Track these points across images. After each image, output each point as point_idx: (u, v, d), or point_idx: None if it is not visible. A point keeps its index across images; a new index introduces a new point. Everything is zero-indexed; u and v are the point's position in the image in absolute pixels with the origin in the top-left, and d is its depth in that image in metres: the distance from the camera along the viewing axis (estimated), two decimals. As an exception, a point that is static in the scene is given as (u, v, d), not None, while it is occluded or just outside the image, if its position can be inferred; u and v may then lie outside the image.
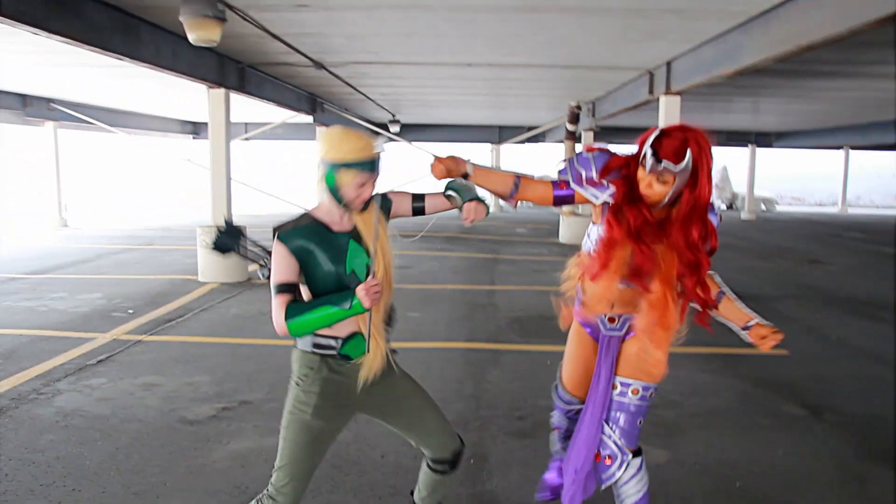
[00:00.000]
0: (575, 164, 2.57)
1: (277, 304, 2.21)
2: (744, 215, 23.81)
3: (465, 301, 8.09)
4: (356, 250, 2.31)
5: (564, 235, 14.81)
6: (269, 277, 2.34)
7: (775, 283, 10.04)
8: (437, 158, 2.59)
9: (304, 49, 8.54)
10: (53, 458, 3.69)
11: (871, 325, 7.37)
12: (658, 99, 9.16)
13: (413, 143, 18.36)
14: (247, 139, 17.45)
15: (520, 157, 28.39)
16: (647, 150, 2.32)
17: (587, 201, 2.55)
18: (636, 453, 2.61)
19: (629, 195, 2.44)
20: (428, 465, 2.62)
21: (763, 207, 28.02)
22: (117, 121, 16.65)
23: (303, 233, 2.28)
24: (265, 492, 2.40)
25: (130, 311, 7.25)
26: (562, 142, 15.69)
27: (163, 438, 3.99)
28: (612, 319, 2.65)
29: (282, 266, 2.25)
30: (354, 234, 2.34)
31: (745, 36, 6.44)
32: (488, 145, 22.14)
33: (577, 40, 7.74)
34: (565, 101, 13.55)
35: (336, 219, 2.34)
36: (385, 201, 2.49)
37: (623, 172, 2.47)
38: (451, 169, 2.59)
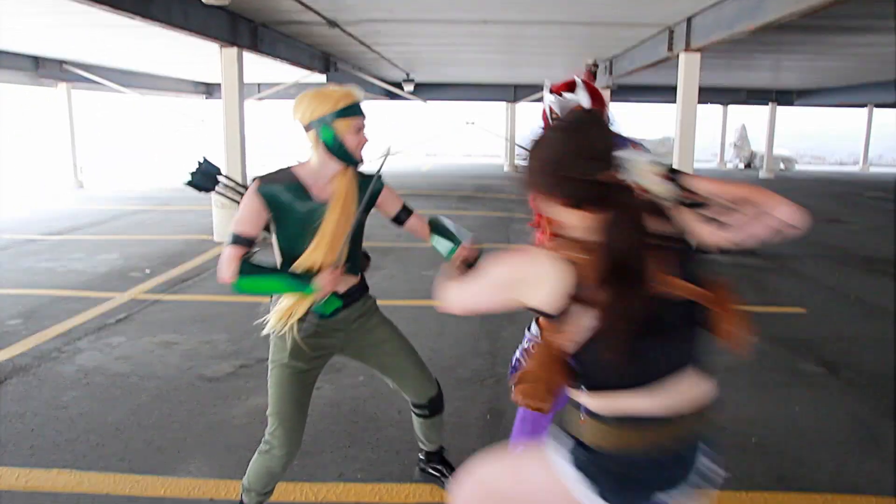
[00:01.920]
0: None
1: (230, 255, 2.21)
2: (762, 174, 23.51)
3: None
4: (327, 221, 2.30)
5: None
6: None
7: (793, 241, 9.92)
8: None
9: (318, 7, 8.42)
10: (77, 415, 3.76)
11: (890, 283, 7.29)
12: (677, 56, 8.98)
13: (427, 101, 18.22)
14: (260, 99, 17.33)
15: (535, 116, 28.13)
16: (547, 98, 2.69)
17: None
18: None
19: None
20: (412, 411, 2.76)
21: (782, 167, 27.64)
22: (130, 81, 16.59)
23: (283, 189, 2.26)
24: (263, 439, 2.48)
25: (147, 271, 7.32)
26: (578, 100, 15.46)
27: (182, 395, 4.05)
28: None
29: (250, 216, 2.25)
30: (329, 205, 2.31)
31: (769, -11, 6.27)
32: (503, 104, 21.90)
33: (595, -6, 7.57)
34: (582, 59, 13.32)
35: (318, 183, 2.31)
36: (378, 183, 2.44)
37: None
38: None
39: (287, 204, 2.25)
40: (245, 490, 2.55)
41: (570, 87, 2.68)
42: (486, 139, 26.96)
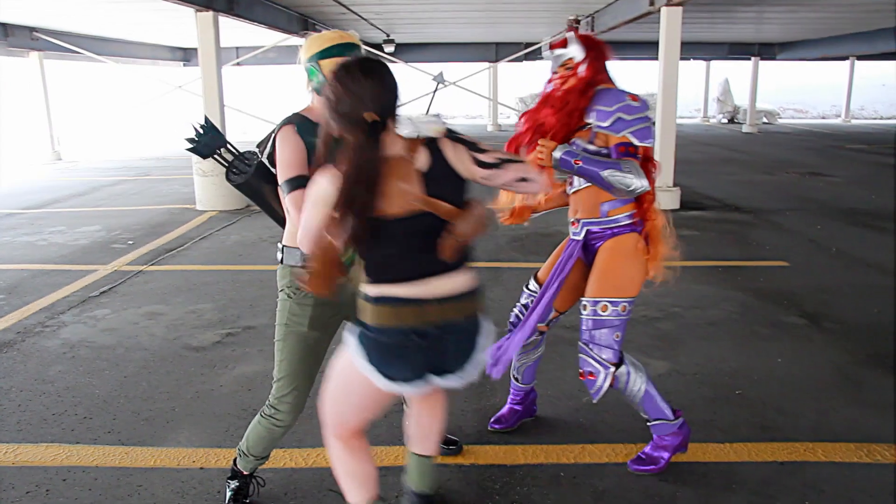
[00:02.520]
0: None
1: (306, 203, 1.92)
2: (745, 128, 23.52)
3: (465, 223, 8.05)
4: None
5: (564, 154, 14.66)
6: (237, 181, 2.42)
7: (776, 195, 9.99)
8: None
9: (292, -33, 8.24)
10: (63, 388, 3.74)
11: (871, 234, 7.37)
12: (659, 10, 8.88)
13: (410, 64, 17.99)
14: (238, 64, 17.03)
15: (518, 76, 27.86)
16: (545, 55, 2.76)
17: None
18: (619, 364, 2.71)
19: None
20: None
21: (765, 120, 27.65)
22: (104, 49, 16.22)
23: (308, 127, 2.20)
24: (267, 403, 2.45)
25: (130, 242, 7.25)
26: (560, 58, 15.32)
27: (169, 366, 4.04)
28: (573, 223, 2.85)
29: (297, 156, 2.15)
30: None
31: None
32: (485, 64, 21.67)
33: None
34: (564, 15, 13.17)
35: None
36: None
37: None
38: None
39: (313, 143, 2.15)
40: (242, 454, 2.56)
41: (563, 40, 2.71)
42: (470, 100, 26.74)
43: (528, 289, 3.04)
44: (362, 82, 1.79)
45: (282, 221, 2.45)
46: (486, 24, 15.81)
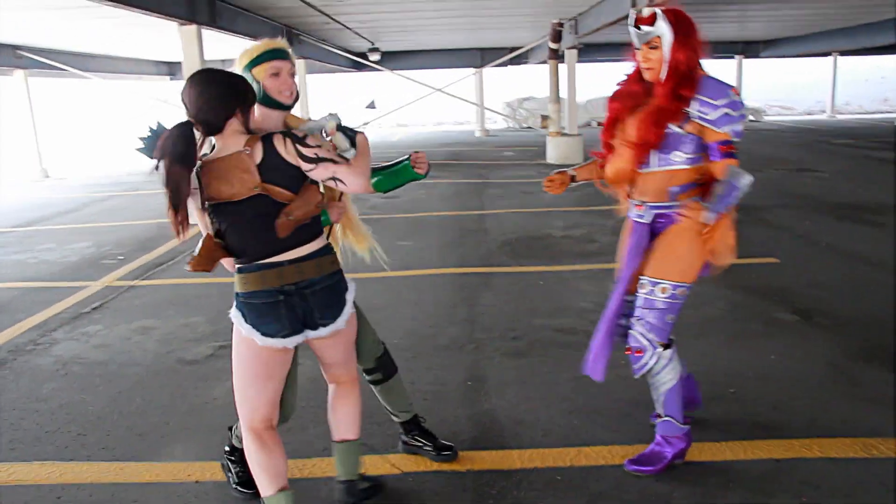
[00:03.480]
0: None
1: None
2: (732, 127, 23.59)
3: (455, 227, 8.08)
4: None
5: (552, 155, 14.72)
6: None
7: (765, 192, 10.04)
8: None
9: (275, -22, 8.25)
10: (57, 406, 3.72)
11: (860, 228, 7.41)
12: (642, 11, 8.92)
13: (395, 71, 18.02)
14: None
15: (504, 81, 27.93)
16: (630, 30, 2.64)
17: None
18: (667, 346, 2.75)
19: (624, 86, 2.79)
20: (368, 382, 2.88)
21: (751, 118, 27.81)
22: (89, 65, 16.20)
23: None
24: None
25: (121, 258, 7.22)
26: (545, 62, 15.40)
27: (163, 380, 4.02)
28: (638, 206, 2.79)
29: None
30: None
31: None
32: (471, 70, 21.73)
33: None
34: (547, 19, 13.23)
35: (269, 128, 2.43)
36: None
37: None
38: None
39: None
40: (236, 436, 2.76)
41: (650, 15, 2.58)
42: (457, 106, 26.79)
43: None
44: (186, 91, 2.18)
45: None
46: (469, 29, 15.87)
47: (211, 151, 2.25)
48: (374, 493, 2.70)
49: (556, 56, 14.32)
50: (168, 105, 14.26)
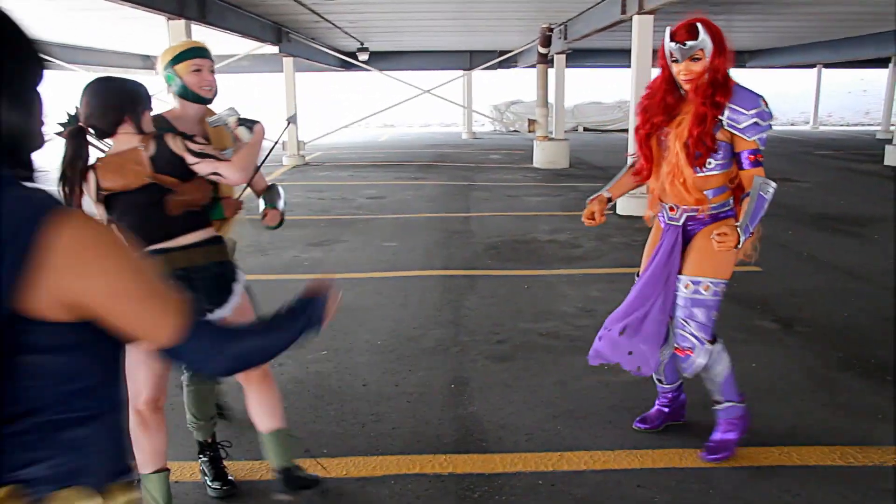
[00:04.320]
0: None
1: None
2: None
3: (440, 229, 8.07)
4: None
5: (539, 160, 14.75)
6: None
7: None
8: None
9: (265, -26, 8.21)
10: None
11: (842, 239, 7.49)
12: (631, 19, 8.99)
13: (384, 72, 17.99)
14: (212, 72, 16.90)
15: (492, 84, 27.97)
16: (669, 45, 2.65)
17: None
18: (713, 341, 2.86)
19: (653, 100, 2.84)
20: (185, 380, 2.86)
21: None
22: (75, 57, 16.01)
23: (164, 128, 2.54)
24: (182, 373, 2.78)
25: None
26: (534, 66, 15.45)
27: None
28: (671, 209, 2.87)
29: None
30: None
31: (719, -51, 6.28)
32: (459, 72, 21.74)
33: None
34: (537, 23, 13.27)
35: (186, 126, 2.62)
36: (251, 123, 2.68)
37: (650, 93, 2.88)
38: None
39: None
40: (194, 427, 2.81)
41: (689, 29, 2.63)
42: (445, 108, 26.79)
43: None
44: (81, 99, 2.36)
45: None
46: (459, 32, 15.88)
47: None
48: (312, 484, 2.75)
49: (545, 60, 14.36)
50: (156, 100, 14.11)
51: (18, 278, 0.93)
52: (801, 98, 31.69)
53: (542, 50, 13.89)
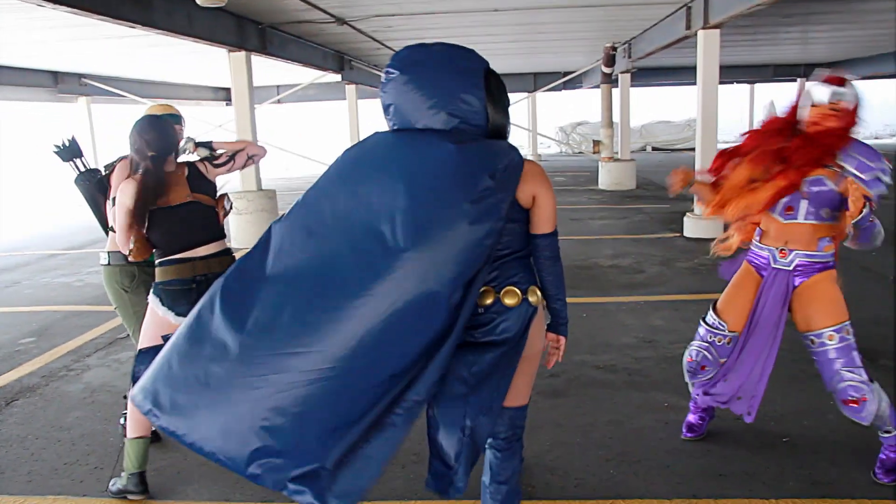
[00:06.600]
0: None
1: (118, 210, 2.98)
2: (794, 152, 22.84)
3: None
4: None
5: (604, 181, 14.43)
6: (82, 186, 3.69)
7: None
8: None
9: (324, 4, 8.29)
10: (78, 436, 3.66)
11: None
12: (696, 34, 8.67)
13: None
14: (278, 102, 17.29)
15: (557, 105, 27.74)
16: (817, 87, 2.83)
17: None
18: (871, 378, 2.84)
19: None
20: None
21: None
22: (150, 91, 16.62)
23: None
24: None
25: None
26: (598, 86, 15.17)
27: (187, 411, 3.93)
28: (782, 252, 2.90)
29: None
30: None
31: (787, -43, 5.97)
32: (523, 94, 21.62)
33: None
34: (600, 43, 13.04)
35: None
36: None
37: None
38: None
39: None
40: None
41: (841, 81, 2.81)
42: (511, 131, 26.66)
43: (708, 324, 3.04)
44: (148, 133, 2.98)
45: (105, 225, 3.54)
46: (523, 54, 15.76)
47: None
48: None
49: (609, 80, 14.08)
50: (223, 130, 14.51)
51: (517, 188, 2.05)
52: (882, 110, 30.22)
53: (606, 69, 13.63)
